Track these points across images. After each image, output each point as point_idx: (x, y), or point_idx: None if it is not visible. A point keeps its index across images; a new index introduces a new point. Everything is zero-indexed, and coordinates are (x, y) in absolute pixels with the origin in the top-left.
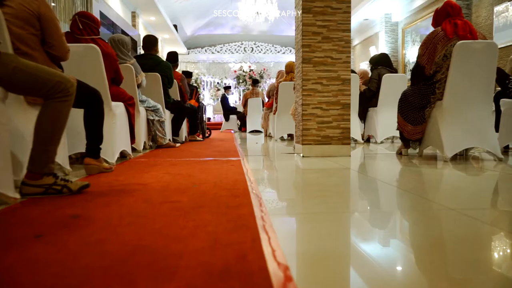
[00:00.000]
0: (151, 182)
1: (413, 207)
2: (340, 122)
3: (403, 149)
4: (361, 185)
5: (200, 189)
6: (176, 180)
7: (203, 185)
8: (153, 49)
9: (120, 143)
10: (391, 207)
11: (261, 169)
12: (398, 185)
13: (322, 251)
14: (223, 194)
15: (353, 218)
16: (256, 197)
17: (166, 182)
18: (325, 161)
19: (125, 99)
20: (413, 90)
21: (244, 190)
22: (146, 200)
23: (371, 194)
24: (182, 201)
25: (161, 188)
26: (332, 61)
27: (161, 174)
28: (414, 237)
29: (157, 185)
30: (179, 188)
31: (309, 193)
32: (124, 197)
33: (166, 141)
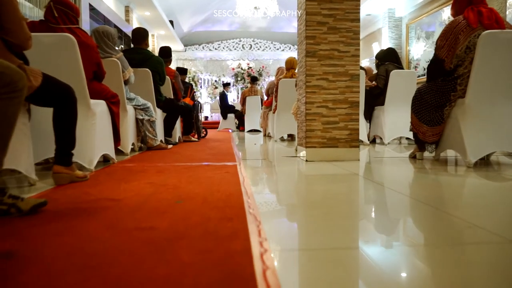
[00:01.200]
0: (127, 196)
1: (448, 231)
2: (348, 123)
3: (417, 153)
4: (377, 200)
5: (185, 208)
6: (159, 193)
7: (189, 201)
8: (143, 43)
9: (100, 146)
10: (418, 236)
11: (260, 177)
12: (421, 198)
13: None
14: (212, 216)
15: (373, 254)
16: (254, 221)
17: (146, 197)
18: (331, 166)
19: (107, 96)
20: (429, 87)
21: (239, 209)
22: (112, 226)
23: (392, 214)
24: (159, 228)
25: (136, 206)
26: (339, 54)
27: (143, 185)
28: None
29: (134, 201)
30: (159, 206)
31: (316, 214)
32: (86, 220)
33: (157, 143)
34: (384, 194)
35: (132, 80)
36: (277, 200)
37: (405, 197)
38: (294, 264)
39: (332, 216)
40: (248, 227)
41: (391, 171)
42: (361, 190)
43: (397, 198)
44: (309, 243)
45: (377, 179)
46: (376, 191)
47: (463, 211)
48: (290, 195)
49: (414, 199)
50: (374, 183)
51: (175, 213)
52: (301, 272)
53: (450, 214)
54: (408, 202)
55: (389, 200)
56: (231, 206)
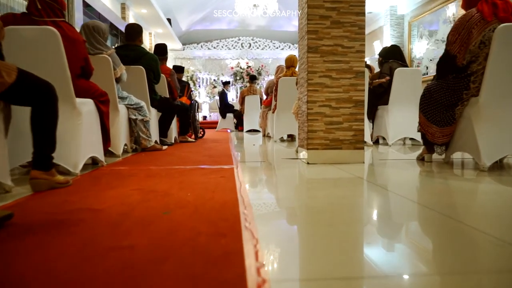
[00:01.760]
0: (111, 205)
1: (478, 254)
2: (352, 123)
3: (425, 155)
4: (387, 211)
5: (173, 220)
6: (146, 201)
7: (178, 211)
8: (137, 39)
9: (87, 148)
10: (443, 263)
11: (258, 182)
12: (437, 207)
13: None
14: (203, 231)
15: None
16: (250, 238)
17: (131, 206)
18: (334, 169)
19: (95, 94)
20: (439, 85)
21: (234, 223)
22: (87, 243)
23: (406, 230)
24: (139, 247)
25: (118, 218)
26: (343, 50)
27: (130, 191)
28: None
29: (116, 212)
30: (144, 218)
31: (322, 230)
32: (58, 235)
33: (151, 143)
34: (395, 202)
35: (124, 78)
36: (277, 211)
37: (419, 207)
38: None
39: (340, 231)
40: (243, 247)
41: (399, 175)
42: (369, 197)
43: (409, 207)
44: (314, 270)
45: (385, 184)
46: (385, 199)
47: (487, 224)
48: (291, 205)
49: (430, 209)
50: (382, 189)
51: (161, 226)
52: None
53: (478, 229)
54: (426, 214)
55: (401, 209)
56: (225, 218)
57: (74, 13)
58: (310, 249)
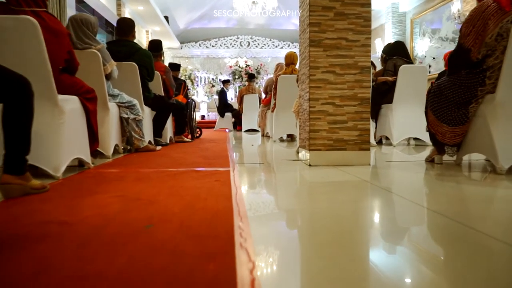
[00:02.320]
0: (85, 216)
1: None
2: (358, 122)
3: (435, 156)
4: (397, 217)
5: (153, 237)
6: (127, 211)
7: (162, 225)
8: (130, 34)
9: (71, 149)
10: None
11: (257, 187)
12: (453, 215)
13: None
14: (188, 251)
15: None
16: (246, 262)
17: (109, 218)
18: (338, 172)
19: (80, 91)
20: (451, 81)
21: (226, 240)
22: (44, 268)
23: (420, 236)
24: (108, 274)
25: (89, 234)
26: (347, 43)
27: (111, 199)
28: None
29: (89, 225)
30: (121, 234)
31: (329, 251)
32: (10, 255)
33: (144, 144)
34: (405, 208)
35: (115, 75)
36: (277, 223)
37: (432, 214)
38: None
39: (349, 250)
40: (236, 274)
41: (408, 179)
42: (378, 204)
43: (421, 215)
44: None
45: (393, 189)
46: (395, 205)
47: (509, 234)
48: (293, 215)
49: (445, 217)
50: (391, 194)
51: (138, 246)
52: None
53: (499, 240)
54: (440, 222)
55: (412, 216)
56: (216, 234)
57: (66, 9)
58: (316, 275)
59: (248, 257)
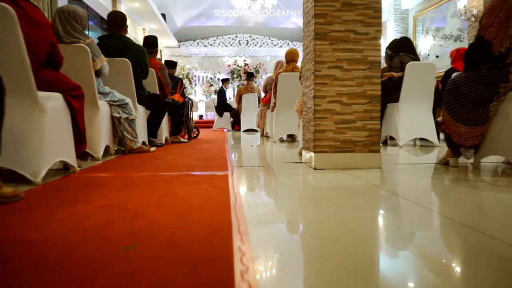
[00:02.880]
0: (57, 233)
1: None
2: (367, 122)
3: (450, 159)
4: (417, 228)
5: (134, 261)
6: (107, 226)
7: (147, 244)
8: (122, 29)
9: (53, 151)
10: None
11: (258, 195)
12: (475, 225)
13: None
14: (176, 283)
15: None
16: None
17: (85, 235)
18: (346, 177)
19: (65, 88)
20: (469, 77)
21: (224, 266)
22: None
23: (442, 249)
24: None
25: (58, 258)
26: (355, 36)
27: (93, 209)
28: None
29: (61, 245)
30: (94, 258)
31: (348, 279)
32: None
33: (138, 145)
34: (423, 217)
35: (106, 71)
36: (284, 243)
37: (453, 224)
38: None
39: (367, 279)
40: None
41: (424, 184)
42: (396, 214)
43: (441, 225)
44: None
45: (409, 196)
46: (414, 215)
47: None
48: (301, 231)
49: (470, 228)
50: (407, 202)
51: (111, 276)
52: None
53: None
54: (463, 233)
55: (431, 227)
56: (212, 257)
57: (57, 4)
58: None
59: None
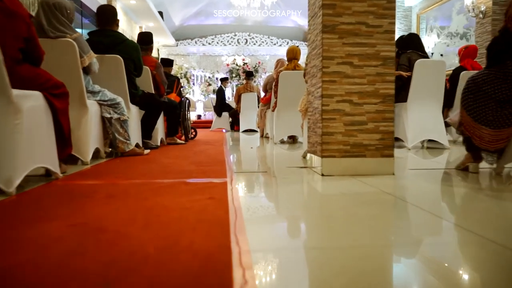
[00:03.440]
0: (11, 265)
1: None
2: (380, 123)
3: (470, 164)
4: (446, 247)
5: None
6: (76, 255)
7: (123, 283)
8: (113, 23)
9: (31, 156)
10: None
11: (261, 208)
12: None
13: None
14: None
15: None
16: None
17: (45, 269)
18: (359, 185)
19: (45, 86)
20: (493, 74)
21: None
22: None
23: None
24: None
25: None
26: (367, 29)
27: (64, 230)
28: None
29: (11, 285)
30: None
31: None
32: None
33: (130, 147)
34: (450, 233)
35: (95, 68)
36: (297, 280)
37: (492, 246)
38: None
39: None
40: None
41: (446, 194)
42: (420, 229)
43: (477, 246)
44: None
45: (431, 208)
46: (439, 231)
47: None
48: (317, 261)
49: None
50: (430, 215)
51: None
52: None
53: None
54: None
55: (469, 251)
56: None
57: None
58: None
59: None
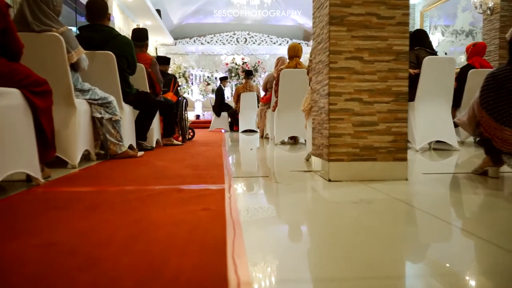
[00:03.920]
0: None
1: None
2: (392, 124)
3: (490, 168)
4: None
5: None
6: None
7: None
8: (104, 18)
9: (6, 160)
10: None
11: (264, 222)
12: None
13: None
14: None
15: None
16: None
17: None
18: (370, 192)
19: (23, 82)
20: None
21: None
22: None
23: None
24: None
25: None
26: (378, 21)
27: (29, 252)
28: None
29: None
30: None
31: None
32: None
33: (123, 149)
34: (478, 249)
35: (84, 65)
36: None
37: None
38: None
39: None
40: None
41: (469, 202)
42: (448, 247)
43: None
44: None
45: (448, 217)
46: (470, 248)
47: None
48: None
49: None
50: (450, 226)
51: None
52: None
53: None
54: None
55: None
56: None
57: None
58: None
59: None
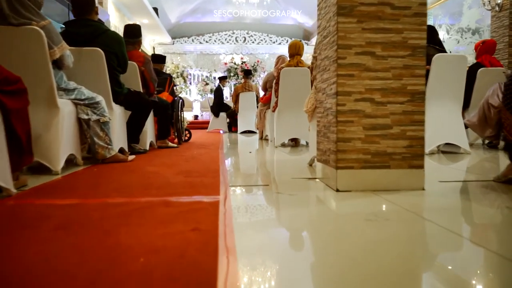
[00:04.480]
0: None
1: None
2: (407, 127)
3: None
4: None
5: None
6: None
7: None
8: (91, 12)
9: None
10: None
11: (263, 246)
12: None
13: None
14: None
15: None
16: None
17: None
18: (384, 204)
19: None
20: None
21: None
22: None
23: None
24: None
25: None
26: (393, 12)
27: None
28: None
29: None
30: None
31: None
32: None
33: (112, 153)
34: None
35: (69, 62)
36: None
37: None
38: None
39: None
40: None
41: (491, 216)
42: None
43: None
44: None
45: (475, 237)
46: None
47: None
48: None
49: None
50: (480, 249)
51: None
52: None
53: None
54: None
55: None
56: None
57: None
58: None
59: None
